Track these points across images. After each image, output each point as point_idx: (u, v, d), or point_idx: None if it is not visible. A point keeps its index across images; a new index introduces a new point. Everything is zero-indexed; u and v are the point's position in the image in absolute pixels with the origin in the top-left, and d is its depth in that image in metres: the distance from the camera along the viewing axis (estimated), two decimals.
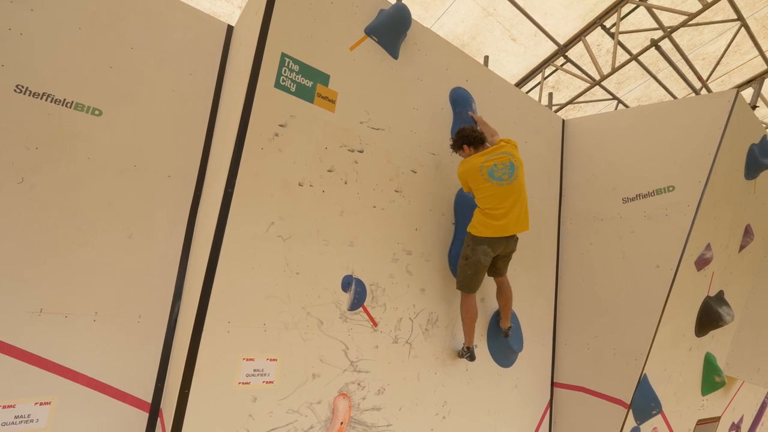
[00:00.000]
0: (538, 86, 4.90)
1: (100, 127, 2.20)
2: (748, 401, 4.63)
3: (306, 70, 2.22)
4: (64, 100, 2.12)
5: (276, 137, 2.08)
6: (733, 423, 4.49)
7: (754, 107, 3.69)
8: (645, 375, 2.93)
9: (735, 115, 2.87)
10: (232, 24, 2.80)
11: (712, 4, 3.64)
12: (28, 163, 1.97)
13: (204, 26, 2.67)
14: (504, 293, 2.80)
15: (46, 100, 2.08)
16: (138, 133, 2.31)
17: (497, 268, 2.69)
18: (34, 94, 2.05)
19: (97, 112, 2.20)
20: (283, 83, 2.13)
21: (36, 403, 1.73)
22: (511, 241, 2.56)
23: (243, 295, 1.91)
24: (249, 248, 1.95)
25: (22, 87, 2.03)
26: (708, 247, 3.09)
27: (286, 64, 2.14)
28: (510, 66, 4.69)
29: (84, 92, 2.18)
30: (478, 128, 2.66)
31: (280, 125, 2.11)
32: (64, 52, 2.16)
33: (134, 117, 2.31)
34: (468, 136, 2.55)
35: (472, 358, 2.64)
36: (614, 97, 5.23)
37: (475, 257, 2.46)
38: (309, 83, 2.23)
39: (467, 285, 2.53)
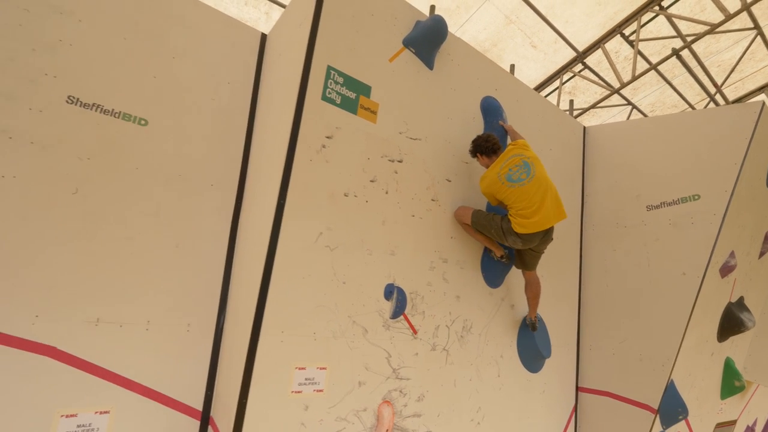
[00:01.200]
0: (555, 91, 4.96)
1: (146, 137, 2.22)
2: (762, 404, 4.69)
3: (350, 82, 2.25)
4: (113, 110, 2.15)
5: (323, 149, 2.12)
6: (748, 426, 4.56)
7: None
8: (672, 380, 2.98)
9: (760, 126, 2.93)
10: (260, 29, 2.83)
11: (735, 15, 3.71)
12: (81, 173, 2.00)
13: (239, 35, 2.71)
14: (532, 288, 2.84)
15: (95, 110, 2.10)
16: (181, 142, 2.34)
17: (525, 261, 2.73)
18: (85, 104, 2.08)
19: (143, 122, 2.23)
20: (329, 95, 2.16)
21: (96, 412, 1.76)
22: (547, 237, 2.55)
23: (294, 304, 1.95)
24: (300, 259, 1.98)
25: (74, 98, 2.05)
26: (732, 254, 3.15)
27: (331, 77, 2.18)
28: (529, 72, 4.75)
29: (130, 102, 2.21)
30: (504, 137, 2.68)
31: (327, 137, 2.14)
32: (111, 62, 2.19)
33: (177, 126, 2.35)
34: (480, 146, 2.59)
35: (509, 258, 2.77)
36: (629, 103, 5.29)
37: (502, 233, 2.50)
38: (353, 95, 2.26)
39: (475, 227, 2.62)
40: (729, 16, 3.75)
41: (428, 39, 2.58)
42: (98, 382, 1.81)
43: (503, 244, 2.62)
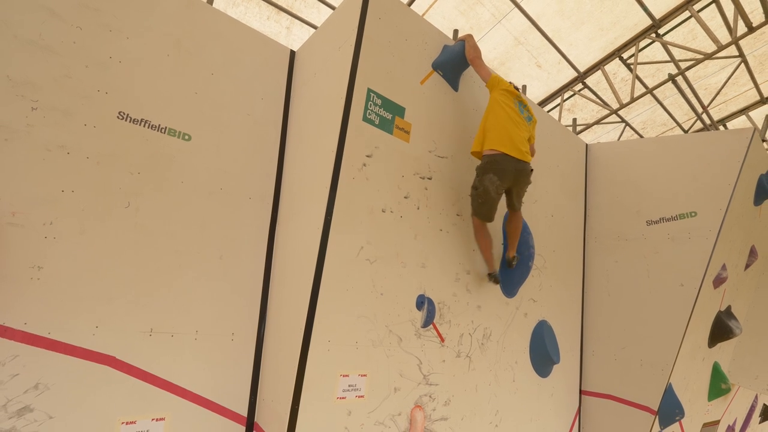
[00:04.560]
0: (556, 108, 5.21)
1: (190, 152, 2.30)
2: (741, 405, 5.04)
3: (387, 104, 2.38)
4: (159, 125, 2.22)
5: (364, 167, 2.24)
6: (729, 425, 4.88)
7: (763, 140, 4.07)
8: (670, 384, 3.21)
9: (751, 149, 3.20)
10: (281, 43, 2.93)
11: (726, 46, 4.03)
12: (132, 187, 2.06)
13: (270, 51, 2.81)
14: (513, 223, 2.88)
15: (143, 126, 2.17)
16: (222, 156, 2.42)
17: (511, 202, 2.75)
18: (134, 120, 2.15)
19: (186, 137, 2.31)
20: (369, 116, 2.29)
21: (153, 419, 1.83)
22: (522, 173, 2.55)
23: (339, 315, 2.06)
24: (344, 272, 2.09)
25: (124, 113, 2.12)
26: (723, 267, 3.41)
27: (371, 99, 2.30)
28: (532, 90, 4.99)
29: (174, 117, 2.29)
30: None
31: (367, 156, 2.26)
32: (156, 78, 2.26)
33: (217, 141, 2.43)
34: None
35: (496, 281, 2.77)
36: (623, 120, 5.60)
37: (482, 187, 2.46)
38: (389, 116, 2.39)
39: (479, 212, 2.59)
40: (721, 47, 4.07)
41: (455, 63, 2.73)
42: (154, 390, 1.88)
43: (489, 204, 2.54)
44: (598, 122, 5.42)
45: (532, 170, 2.65)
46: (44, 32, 1.95)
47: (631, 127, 5.67)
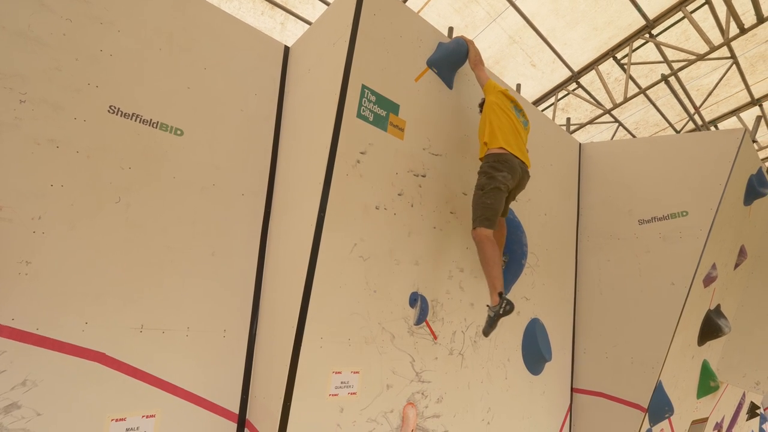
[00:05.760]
0: (550, 107, 5.24)
1: (182, 147, 2.28)
2: (728, 403, 5.11)
3: (381, 101, 2.38)
4: (151, 120, 2.20)
5: (358, 164, 2.23)
6: (717, 422, 4.96)
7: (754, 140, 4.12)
8: (660, 381, 3.25)
9: (741, 150, 3.24)
10: (275, 38, 2.90)
11: (718, 48, 4.07)
12: (123, 182, 2.04)
13: (264, 47, 2.79)
14: (501, 230, 2.84)
15: (135, 120, 2.15)
16: (214, 152, 2.41)
17: (504, 207, 2.64)
18: (125, 114, 2.12)
19: (179, 132, 2.29)
20: (363, 113, 2.28)
21: (143, 416, 1.81)
22: (525, 175, 2.52)
23: (332, 312, 2.05)
24: (337, 269, 2.09)
25: (115, 107, 2.09)
26: (714, 266, 3.46)
27: (365, 95, 2.29)
28: (526, 89, 5.01)
29: (167, 112, 2.27)
30: None
31: (361, 153, 2.26)
32: (148, 72, 2.24)
33: (210, 136, 2.41)
34: None
35: (510, 306, 2.13)
36: (616, 120, 5.65)
37: (494, 184, 2.31)
38: (383, 113, 2.39)
39: (487, 216, 2.27)
40: (713, 48, 4.11)
41: (450, 61, 2.73)
42: (144, 387, 1.86)
43: (499, 204, 2.37)
44: (591, 122, 5.47)
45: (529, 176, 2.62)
46: (33, 23, 1.92)
47: (624, 127, 5.72)
